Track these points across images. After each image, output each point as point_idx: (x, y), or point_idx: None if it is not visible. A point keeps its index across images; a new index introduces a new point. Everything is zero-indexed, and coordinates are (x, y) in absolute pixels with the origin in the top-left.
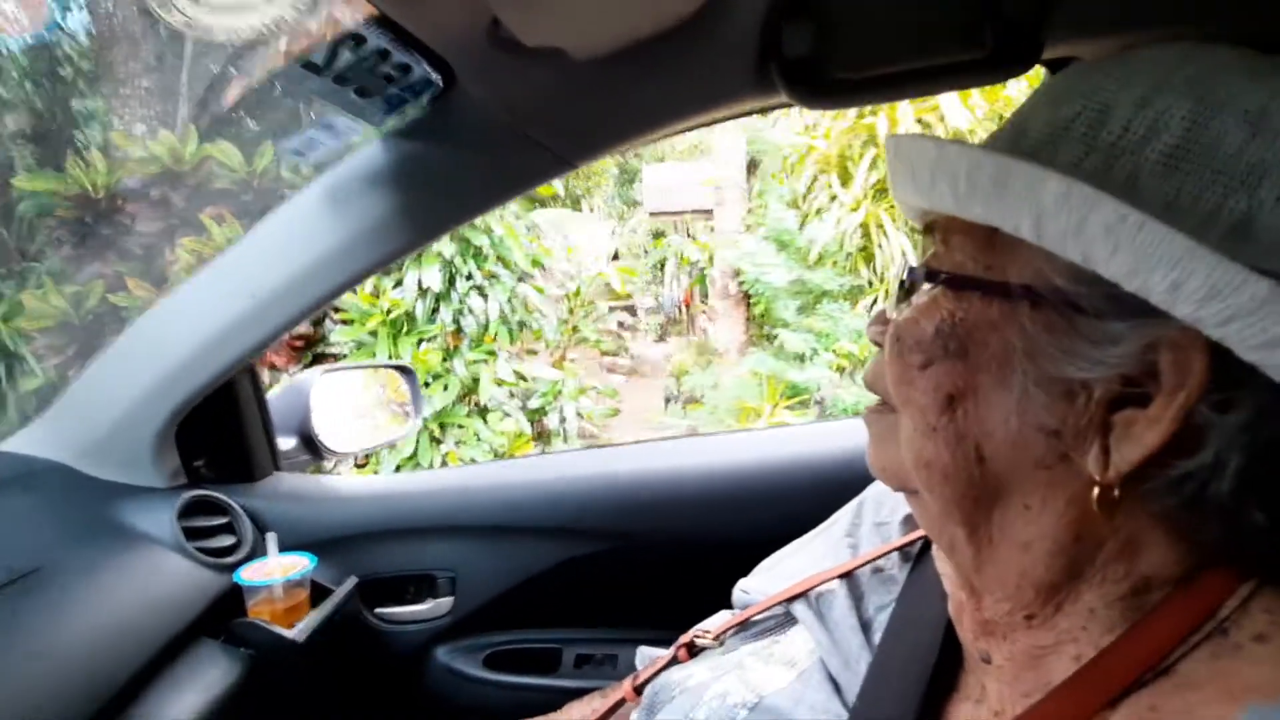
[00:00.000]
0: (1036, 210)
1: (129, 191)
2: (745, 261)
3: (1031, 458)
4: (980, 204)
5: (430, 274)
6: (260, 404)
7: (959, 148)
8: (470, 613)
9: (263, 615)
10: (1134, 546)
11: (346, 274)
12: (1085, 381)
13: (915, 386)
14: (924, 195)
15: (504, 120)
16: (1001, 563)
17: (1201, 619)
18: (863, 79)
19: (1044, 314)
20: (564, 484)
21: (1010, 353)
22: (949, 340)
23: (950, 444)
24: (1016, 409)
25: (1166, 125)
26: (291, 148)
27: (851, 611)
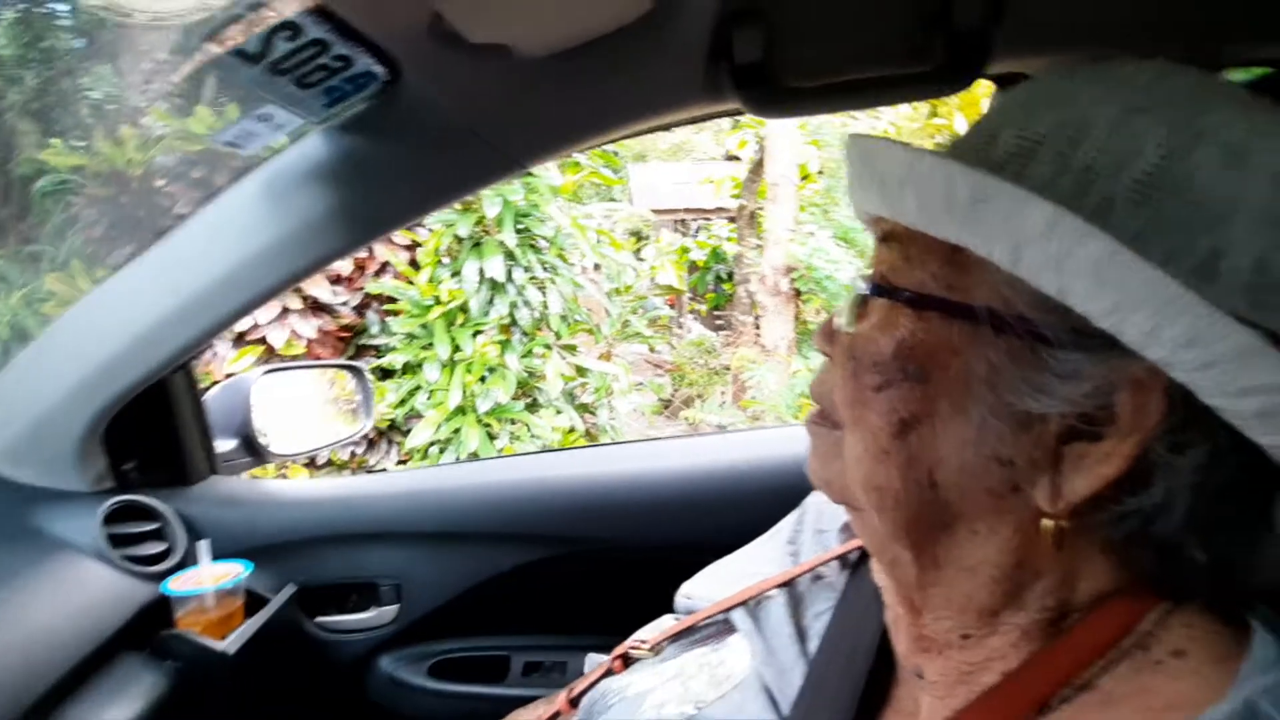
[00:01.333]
0: (1017, 237)
1: (166, 170)
2: (817, 257)
3: (984, 486)
4: (953, 223)
5: (494, 264)
6: (196, 404)
7: (934, 160)
8: (415, 621)
9: (192, 626)
10: (1073, 574)
11: (285, 271)
12: (1039, 413)
13: (869, 408)
14: (889, 205)
15: (451, 117)
16: (946, 584)
17: (1121, 634)
18: (814, 87)
19: (1007, 341)
20: (512, 489)
21: (971, 379)
22: (908, 362)
23: (902, 469)
24: (974, 438)
25: (1141, 151)
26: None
27: (789, 620)
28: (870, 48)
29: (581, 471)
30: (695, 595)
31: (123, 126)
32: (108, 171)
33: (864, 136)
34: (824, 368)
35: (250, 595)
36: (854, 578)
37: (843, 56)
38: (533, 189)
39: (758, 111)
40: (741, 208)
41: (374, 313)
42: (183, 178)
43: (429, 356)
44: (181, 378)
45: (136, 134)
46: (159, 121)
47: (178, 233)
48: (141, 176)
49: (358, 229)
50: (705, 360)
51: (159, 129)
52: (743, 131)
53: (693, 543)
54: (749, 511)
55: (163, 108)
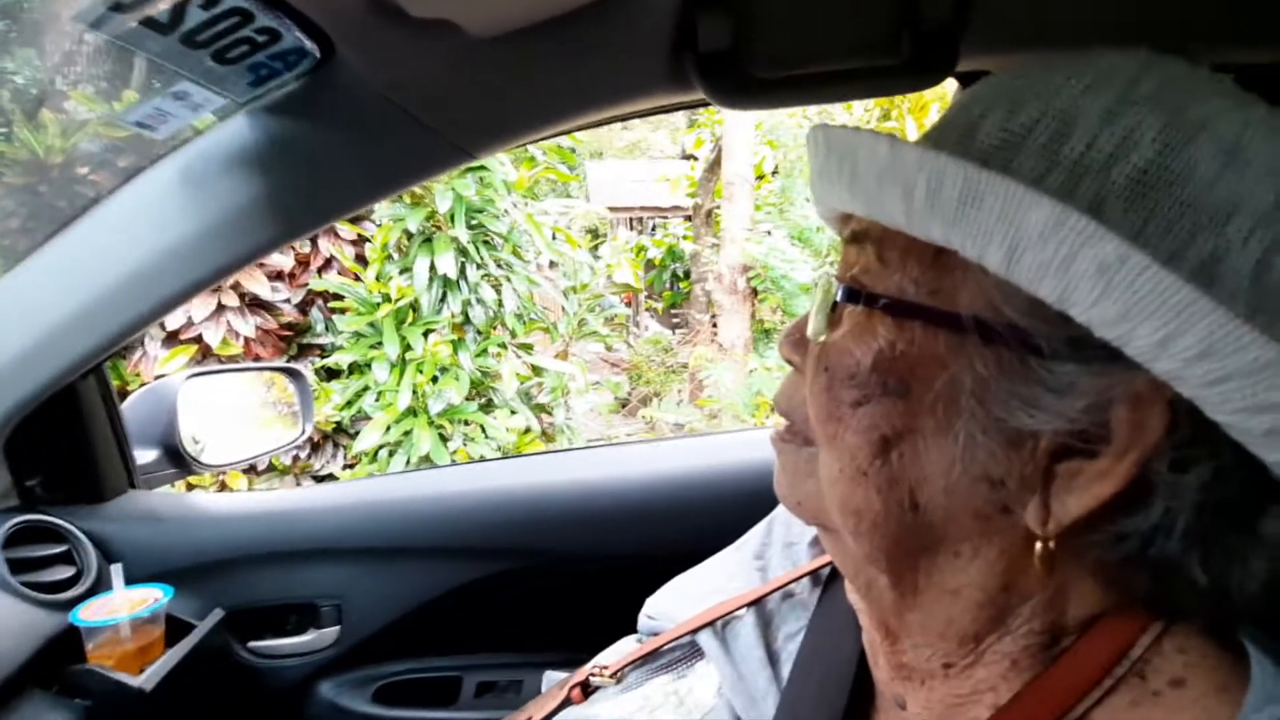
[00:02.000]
0: (1014, 238)
1: (90, 157)
2: (773, 257)
3: (970, 507)
4: (940, 222)
5: (446, 260)
6: (111, 412)
7: (919, 153)
8: (358, 643)
9: (105, 660)
10: (1062, 597)
11: (206, 267)
12: (1031, 429)
13: (845, 425)
14: (864, 202)
15: (391, 101)
16: (926, 609)
17: (1113, 660)
18: (781, 79)
19: (996, 352)
20: (461, 500)
21: (958, 394)
22: (888, 376)
23: (882, 490)
24: (961, 456)
25: (1136, 145)
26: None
27: (759, 642)
28: (839, 40)
29: (535, 480)
30: (659, 615)
31: (43, 111)
32: (26, 159)
33: (835, 126)
34: (791, 378)
35: (173, 622)
36: (826, 595)
37: (811, 48)
38: (486, 183)
39: (723, 103)
40: (697, 206)
41: (318, 310)
42: (108, 166)
43: (377, 356)
44: (93, 383)
45: (59, 119)
46: (83, 105)
47: (84, 223)
48: (63, 164)
49: (286, 221)
50: (662, 359)
51: (83, 114)
52: (699, 130)
53: (652, 552)
54: (711, 519)
55: (87, 91)
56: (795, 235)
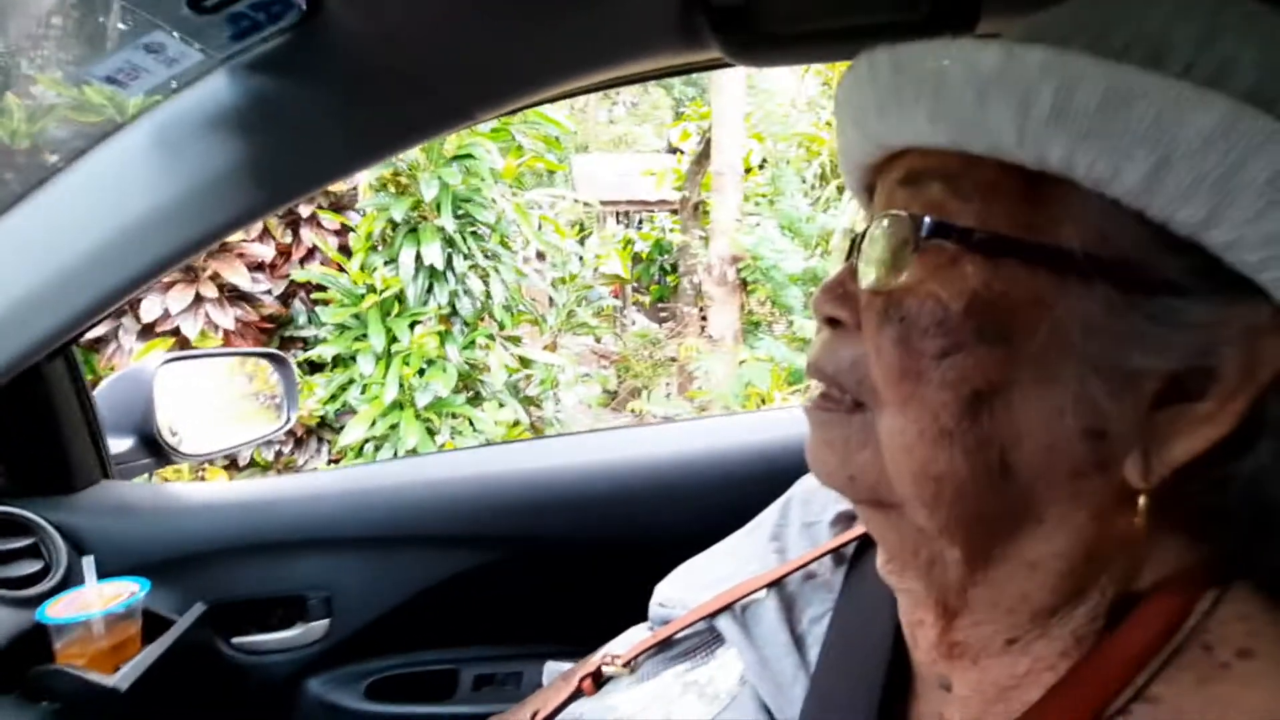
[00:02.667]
0: (1166, 147)
1: (59, 144)
2: (763, 247)
3: (1067, 466)
4: (1065, 138)
5: (432, 250)
6: (82, 397)
7: (1046, 55)
8: (348, 637)
9: (76, 659)
10: (1141, 559)
11: (182, 238)
12: (1142, 371)
13: (926, 380)
14: (952, 127)
15: (383, 58)
16: (998, 584)
17: (1172, 628)
18: (796, 34)
19: (1103, 289)
20: (454, 487)
21: (1064, 338)
22: (984, 321)
23: (970, 452)
24: (1064, 408)
25: (1235, 70)
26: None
27: (783, 626)
28: None
29: (530, 465)
30: (671, 601)
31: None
32: None
33: (909, 45)
34: (831, 338)
35: (151, 618)
36: (853, 574)
37: (829, 1)
38: (473, 172)
39: (736, 58)
40: (684, 199)
41: (300, 302)
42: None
43: (362, 348)
44: (60, 366)
45: (24, 103)
46: (51, 90)
47: (48, 190)
48: (29, 150)
49: (269, 188)
50: (650, 352)
51: (51, 98)
52: (685, 124)
53: (653, 537)
54: (717, 503)
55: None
56: (785, 226)
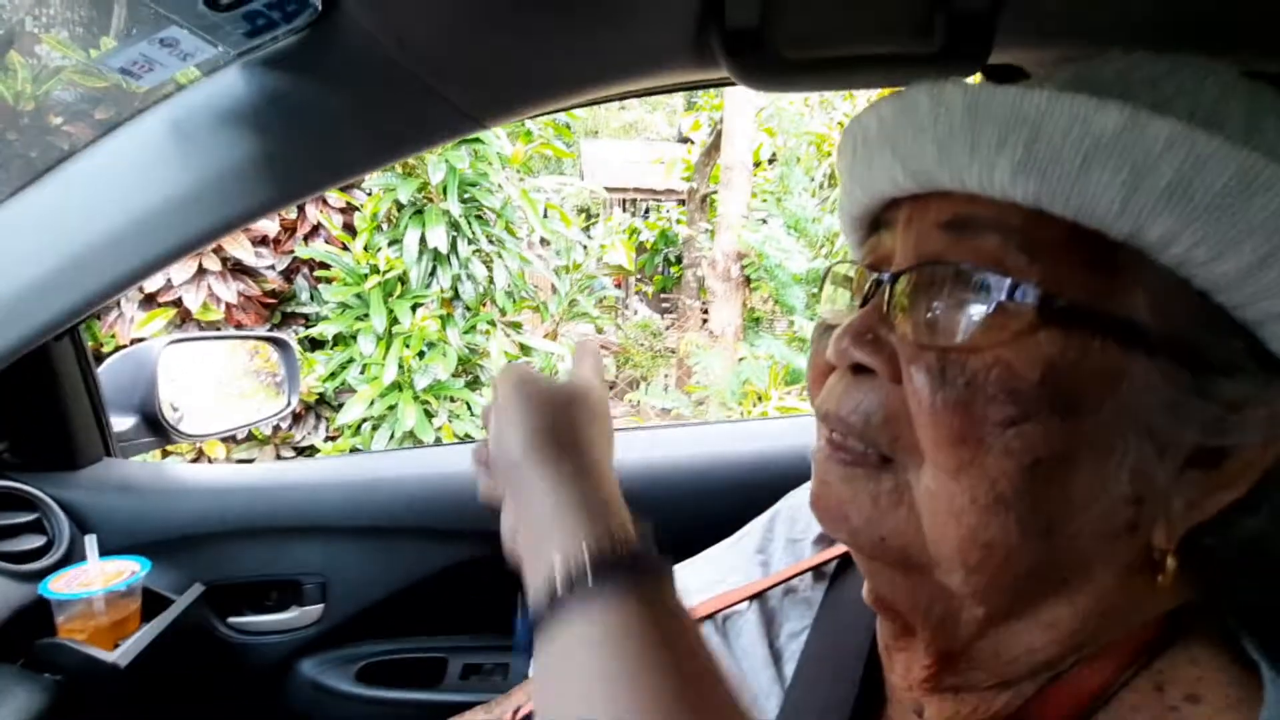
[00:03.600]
0: (1275, 243)
1: (64, 106)
2: (768, 245)
3: (1105, 529)
4: (1178, 214)
5: (436, 233)
6: (87, 375)
7: (1174, 129)
8: (342, 621)
9: (77, 634)
10: (1151, 615)
11: (192, 229)
12: (1182, 442)
13: (988, 448)
14: (1046, 183)
15: (395, 61)
16: (1008, 639)
17: (1128, 665)
18: (809, 60)
19: (1162, 364)
20: (450, 480)
21: (1129, 411)
22: (1057, 392)
23: (1022, 520)
24: (1120, 477)
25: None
26: (116, 66)
27: (761, 640)
28: (871, 22)
29: None
30: None
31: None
32: None
33: (993, 87)
34: (857, 386)
35: (151, 596)
36: (832, 592)
37: (842, 29)
38: (481, 156)
39: (748, 82)
40: (692, 191)
41: (303, 279)
42: (84, 117)
43: (364, 328)
44: (67, 345)
45: (30, 63)
46: (56, 51)
47: (61, 174)
48: (34, 112)
49: (279, 185)
50: (650, 343)
51: (57, 60)
52: (697, 114)
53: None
54: (708, 507)
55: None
56: (791, 225)
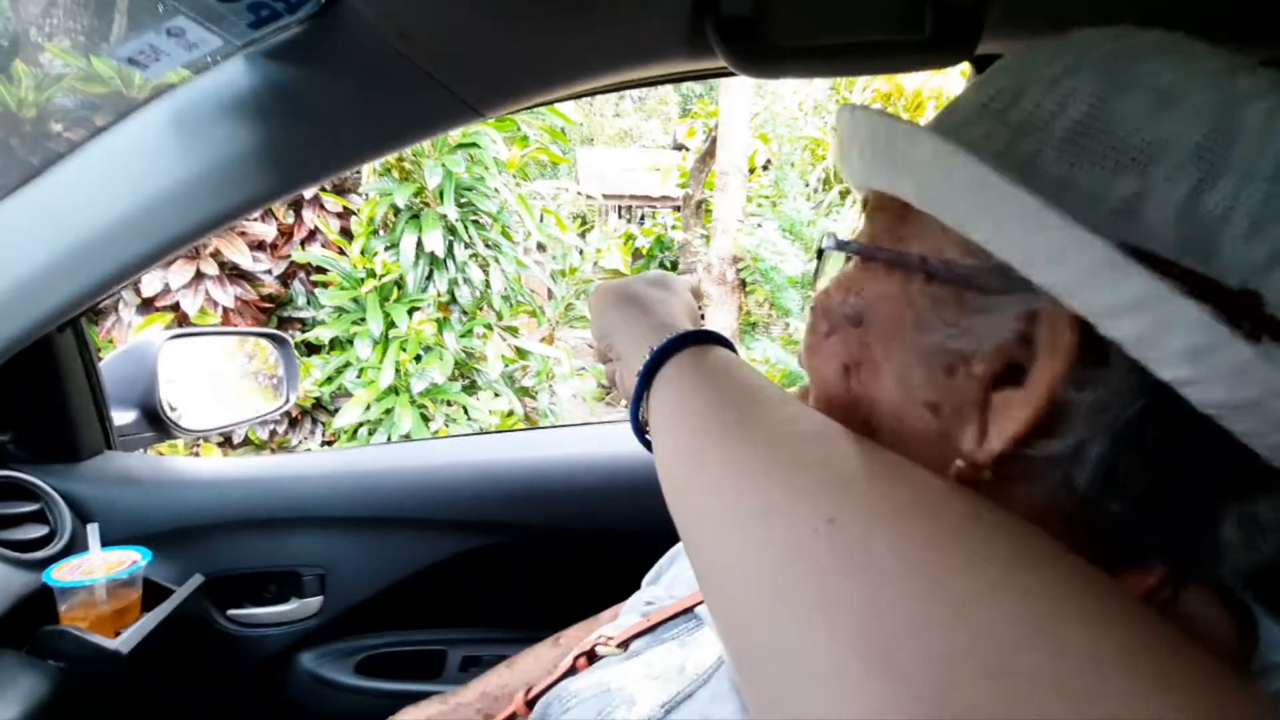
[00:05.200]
0: (916, 173)
1: (65, 113)
2: (764, 249)
3: (912, 431)
4: (881, 170)
5: (433, 237)
6: (89, 368)
7: (866, 114)
8: (341, 613)
9: (79, 622)
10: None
11: (195, 218)
12: (965, 355)
13: (819, 355)
14: (846, 166)
15: (400, 52)
16: None
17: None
18: (801, 47)
19: (935, 287)
20: (450, 472)
21: (900, 324)
22: (847, 309)
23: (844, 412)
24: (897, 378)
25: (1072, 102)
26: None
27: None
28: (863, 10)
29: (527, 455)
30: (657, 599)
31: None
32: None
33: (842, 107)
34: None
35: (151, 587)
36: None
37: (834, 17)
38: (477, 161)
39: (742, 69)
40: (687, 197)
41: (300, 283)
42: (84, 124)
43: (360, 332)
44: (69, 338)
45: (32, 71)
46: (59, 59)
47: (65, 166)
48: (36, 119)
49: (283, 173)
50: None
51: (58, 67)
52: (692, 120)
53: (644, 532)
54: None
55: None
56: (786, 228)
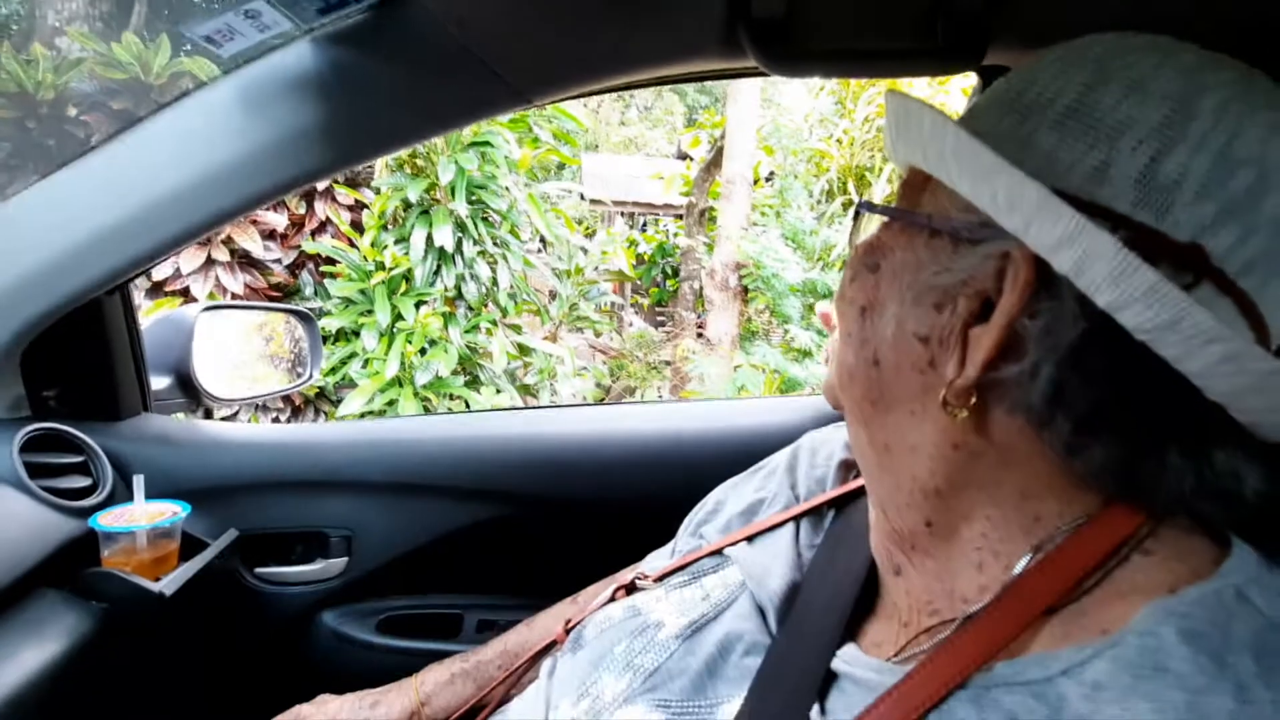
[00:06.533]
0: (922, 142)
1: (83, 97)
2: (766, 256)
3: (909, 361)
4: (902, 144)
5: (443, 233)
6: (133, 334)
7: (892, 97)
8: (364, 574)
9: (121, 566)
10: (1008, 458)
11: (254, 188)
12: (951, 293)
13: (845, 299)
14: (888, 146)
15: (456, 40)
16: (896, 468)
17: (1104, 556)
18: (825, 50)
19: (935, 240)
20: (474, 444)
21: (903, 269)
22: (868, 259)
23: (858, 349)
24: (898, 315)
25: (1066, 90)
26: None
27: (792, 545)
28: (882, 19)
29: (549, 430)
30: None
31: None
32: (14, 91)
33: (889, 91)
34: None
35: (185, 540)
36: (841, 514)
37: (857, 23)
38: (489, 159)
39: (771, 68)
40: (691, 205)
41: (309, 273)
42: (101, 107)
43: (367, 323)
44: (117, 301)
45: (50, 54)
46: (77, 43)
47: (134, 135)
48: (54, 102)
49: (340, 149)
50: (645, 354)
51: (76, 51)
52: (697, 130)
53: (659, 506)
54: (712, 478)
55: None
56: (789, 236)
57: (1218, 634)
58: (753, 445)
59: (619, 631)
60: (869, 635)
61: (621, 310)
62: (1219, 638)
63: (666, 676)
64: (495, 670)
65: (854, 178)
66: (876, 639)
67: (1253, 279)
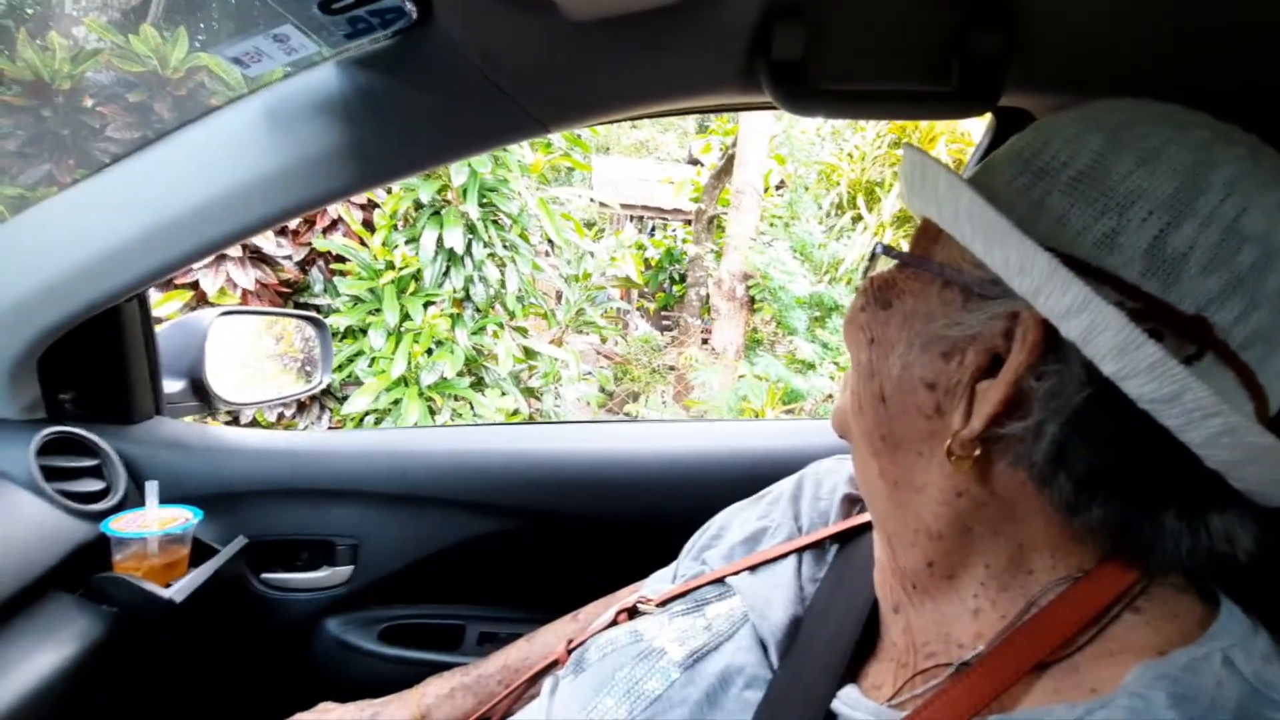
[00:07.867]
0: (938, 200)
1: (99, 88)
2: (774, 268)
3: (914, 404)
4: (917, 198)
5: (453, 234)
6: (149, 339)
7: (909, 151)
8: (369, 584)
9: (132, 571)
10: (1010, 510)
11: (275, 206)
12: (960, 345)
13: (854, 324)
14: (903, 193)
15: (477, 68)
16: (904, 504)
17: (1097, 613)
18: (842, 91)
19: (947, 290)
20: (484, 458)
21: (914, 316)
22: (880, 295)
23: (866, 379)
24: (905, 359)
25: (1080, 155)
26: (230, 55)
27: (795, 579)
28: (897, 62)
29: (555, 446)
30: (711, 560)
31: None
32: (30, 80)
33: (906, 144)
34: None
35: (196, 545)
36: (844, 550)
37: (873, 65)
38: (501, 163)
39: (788, 107)
40: (700, 211)
41: (319, 271)
42: (117, 99)
43: (375, 322)
44: (134, 306)
45: (67, 44)
46: (94, 34)
47: (160, 148)
48: (70, 91)
49: (360, 171)
50: (649, 359)
51: (94, 42)
52: (709, 137)
53: (660, 525)
54: (717, 498)
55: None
56: (798, 249)
57: (1204, 699)
58: (757, 469)
59: (622, 656)
60: (869, 677)
61: (627, 315)
62: (1205, 703)
63: (667, 705)
64: (496, 685)
65: (864, 193)
66: (876, 681)
67: (1255, 352)
